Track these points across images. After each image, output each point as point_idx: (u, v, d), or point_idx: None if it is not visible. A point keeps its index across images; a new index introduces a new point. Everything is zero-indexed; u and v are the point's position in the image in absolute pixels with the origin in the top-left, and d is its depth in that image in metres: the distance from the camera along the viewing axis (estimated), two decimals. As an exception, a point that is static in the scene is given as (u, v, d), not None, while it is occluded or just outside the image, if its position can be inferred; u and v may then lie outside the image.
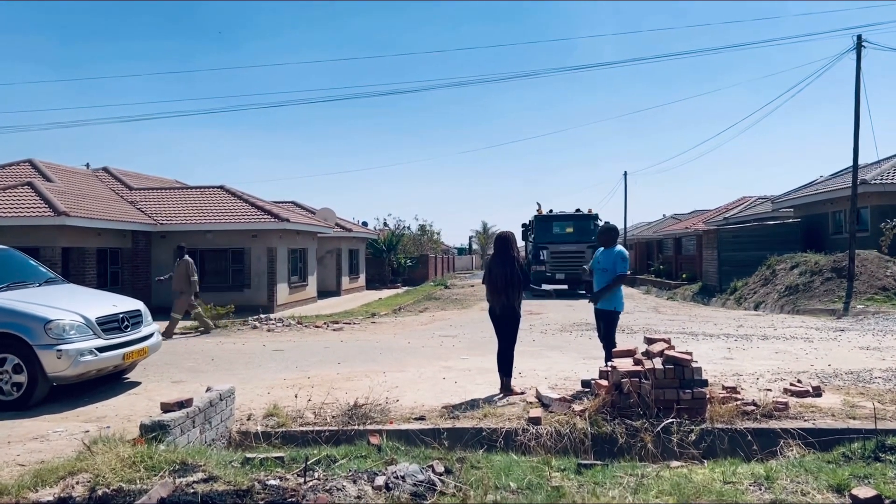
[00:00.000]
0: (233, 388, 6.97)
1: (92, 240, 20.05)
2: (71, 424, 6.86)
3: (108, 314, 8.31)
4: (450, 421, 6.78)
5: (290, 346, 12.36)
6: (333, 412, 7.09)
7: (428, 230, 51.18)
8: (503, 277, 7.62)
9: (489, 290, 7.76)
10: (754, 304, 21.16)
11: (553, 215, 29.03)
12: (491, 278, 7.72)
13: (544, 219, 28.73)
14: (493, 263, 7.79)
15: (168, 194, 25.82)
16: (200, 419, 6.14)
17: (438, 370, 9.32)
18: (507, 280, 7.61)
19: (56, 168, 24.60)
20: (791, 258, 22.32)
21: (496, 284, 7.66)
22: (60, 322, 7.70)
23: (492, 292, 7.72)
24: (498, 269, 7.67)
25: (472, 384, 8.35)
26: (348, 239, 33.69)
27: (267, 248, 23.03)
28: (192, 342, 13.35)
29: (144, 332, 8.84)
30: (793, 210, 29.14)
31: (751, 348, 10.60)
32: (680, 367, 6.62)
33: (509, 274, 7.61)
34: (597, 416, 6.52)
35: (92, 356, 7.83)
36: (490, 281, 7.73)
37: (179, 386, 8.74)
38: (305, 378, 9.03)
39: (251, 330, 15.23)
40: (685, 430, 6.33)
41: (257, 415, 7.12)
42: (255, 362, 10.47)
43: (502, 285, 7.62)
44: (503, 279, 7.61)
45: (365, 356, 10.78)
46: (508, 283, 7.61)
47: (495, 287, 7.67)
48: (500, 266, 7.67)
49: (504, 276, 7.62)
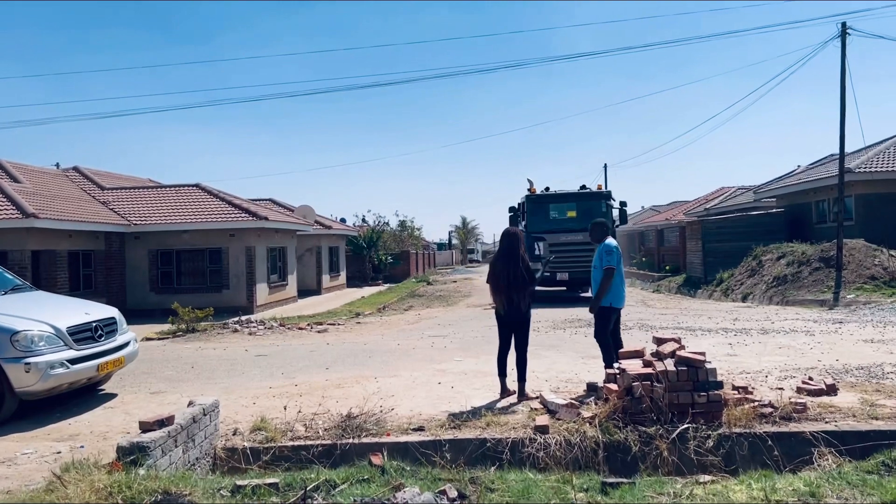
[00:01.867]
0: (217, 401, 6.49)
1: (63, 242, 19.34)
2: (41, 444, 6.34)
3: (80, 323, 7.77)
4: (451, 431, 6.36)
5: (273, 350, 11.86)
6: (326, 424, 6.64)
7: (409, 226, 50.66)
8: (507, 277, 7.21)
9: (493, 290, 7.35)
10: (742, 295, 20.99)
11: (550, 195, 22.27)
12: (495, 277, 7.30)
13: (539, 200, 21.88)
14: (497, 262, 7.36)
15: (142, 194, 25.09)
16: (183, 437, 5.66)
17: (433, 374, 8.90)
18: (511, 280, 7.20)
19: (24, 168, 23.76)
20: (777, 248, 22.19)
21: (499, 284, 7.24)
22: (28, 333, 7.16)
23: (495, 292, 7.31)
24: (502, 268, 7.26)
25: (469, 389, 7.94)
26: (328, 236, 33.13)
27: (245, 248, 22.44)
28: (169, 348, 12.80)
29: (120, 341, 8.31)
30: (775, 200, 29.06)
31: (752, 343, 10.30)
32: (693, 369, 6.26)
33: (513, 273, 7.20)
34: (608, 423, 6.13)
35: (63, 369, 7.29)
36: (494, 280, 7.31)
37: (158, 397, 8.23)
38: (293, 386, 8.56)
39: (232, 333, 14.68)
40: (702, 436, 5.98)
41: (243, 429, 6.65)
42: (237, 369, 9.97)
43: (505, 285, 7.21)
44: (507, 279, 7.20)
45: (353, 360, 10.32)
46: (513, 282, 7.20)
47: (498, 287, 7.25)
48: (505, 265, 7.25)
49: (508, 275, 7.20)
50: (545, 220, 21.50)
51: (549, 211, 21.80)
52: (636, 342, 10.51)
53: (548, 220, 21.54)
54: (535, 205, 21.81)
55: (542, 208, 21.79)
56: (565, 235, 20.55)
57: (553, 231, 20.87)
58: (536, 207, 21.77)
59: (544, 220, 21.44)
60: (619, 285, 7.90)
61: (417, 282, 36.95)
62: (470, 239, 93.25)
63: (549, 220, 21.54)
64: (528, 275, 7.29)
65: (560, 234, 20.72)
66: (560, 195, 22.33)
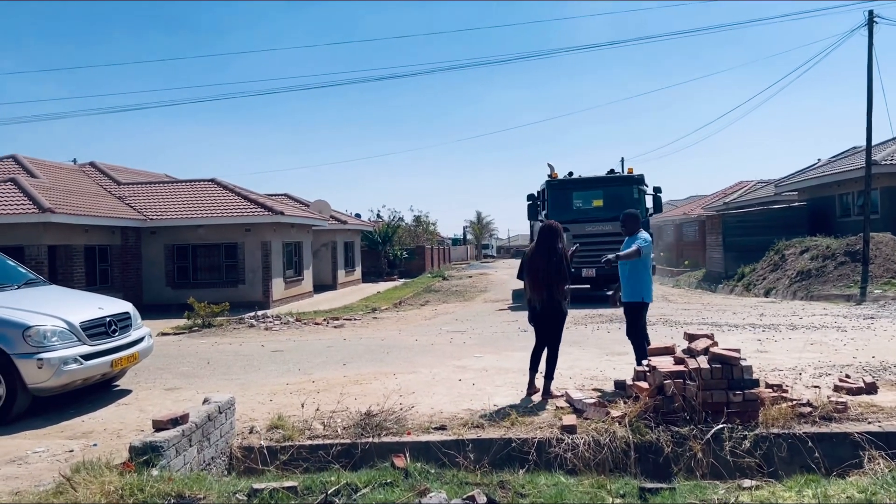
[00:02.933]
0: (233, 398, 6.30)
1: (79, 237, 19.29)
2: (53, 442, 6.17)
3: (94, 318, 7.60)
4: (474, 430, 6.13)
5: (290, 345, 11.68)
6: (344, 422, 6.43)
7: (424, 221, 50.43)
8: (546, 271, 6.94)
9: (530, 285, 7.08)
10: (764, 290, 20.59)
11: (574, 180, 20.01)
12: (532, 272, 7.04)
13: (561, 186, 19.60)
14: (534, 256, 7.09)
15: (157, 189, 25.03)
16: (198, 436, 5.47)
17: (452, 371, 8.67)
18: (551, 274, 6.94)
19: (41, 164, 23.78)
20: (801, 242, 21.75)
21: (538, 279, 6.98)
22: (41, 328, 7.00)
23: (533, 287, 7.04)
24: (541, 263, 6.98)
25: (491, 386, 7.70)
26: (343, 231, 32.98)
27: (261, 243, 22.30)
28: (184, 343, 12.65)
29: (134, 337, 8.14)
30: (797, 193, 28.56)
31: (782, 339, 9.97)
32: (728, 366, 5.99)
33: (555, 267, 6.94)
34: (638, 423, 5.88)
35: (76, 365, 7.13)
36: (531, 275, 7.05)
37: (173, 394, 8.06)
38: (310, 382, 8.37)
39: (248, 329, 14.52)
40: (738, 436, 5.71)
41: (260, 426, 6.45)
42: (253, 365, 9.79)
43: (545, 280, 6.94)
44: (546, 273, 6.94)
45: (371, 356, 10.11)
46: (553, 277, 6.94)
47: (537, 282, 6.99)
48: (545, 259, 6.98)
49: (548, 269, 6.95)
50: (568, 208, 19.07)
51: (572, 198, 19.48)
52: (661, 338, 10.24)
53: (571, 208, 19.18)
54: (557, 192, 19.47)
55: (564, 196, 19.44)
56: (591, 226, 18.16)
57: (577, 221, 18.21)
58: (558, 195, 19.42)
59: (567, 209, 18.94)
60: (649, 280, 7.64)
61: (433, 277, 36.70)
62: (484, 234, 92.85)
63: (572, 208, 19.19)
64: (568, 270, 7.05)
65: (585, 224, 18.23)
66: (585, 180, 20.02)
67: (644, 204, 18.58)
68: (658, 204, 19.20)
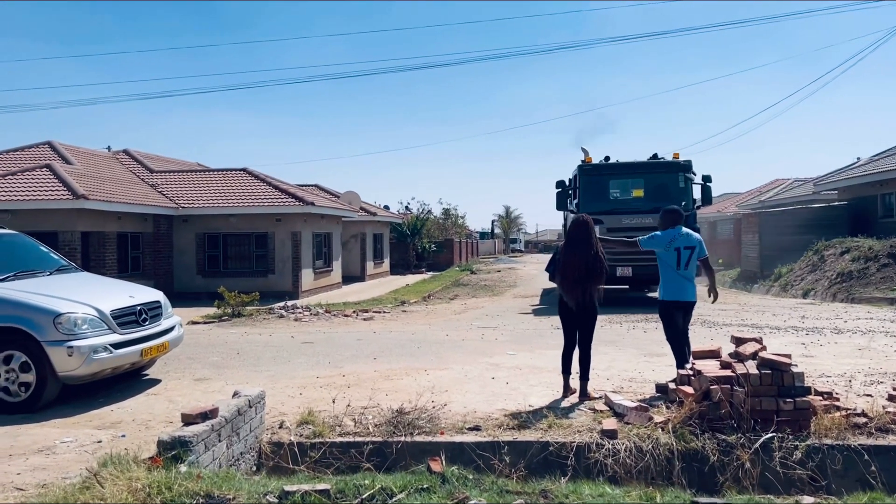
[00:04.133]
0: (263, 392, 6.16)
1: (112, 224, 19.42)
2: (81, 432, 6.09)
3: (125, 306, 7.53)
4: (510, 432, 5.92)
5: (319, 337, 11.56)
6: (375, 419, 6.26)
7: (452, 214, 50.23)
8: (583, 268, 6.66)
9: (564, 282, 6.77)
10: (802, 291, 20.05)
11: (611, 165, 17.57)
12: (566, 269, 6.73)
13: (596, 172, 17.20)
14: (568, 252, 6.79)
15: (190, 177, 25.14)
16: (227, 431, 5.34)
17: (485, 368, 8.46)
18: (587, 270, 6.67)
19: (76, 150, 23.98)
20: (841, 243, 21.13)
21: (573, 276, 6.68)
22: (72, 316, 6.93)
23: (568, 284, 6.74)
24: (577, 259, 6.69)
25: (525, 385, 7.48)
26: (373, 223, 32.91)
27: (291, 233, 22.29)
28: (214, 333, 12.60)
29: (164, 326, 8.06)
30: (836, 193, 27.80)
31: (827, 344, 9.60)
32: (778, 372, 5.70)
33: (591, 263, 6.66)
34: (683, 430, 5.62)
35: (106, 353, 7.05)
36: (565, 272, 6.74)
37: (202, 385, 7.96)
38: (340, 376, 8.22)
39: (277, 319, 14.45)
40: (788, 446, 5.43)
41: (290, 421, 6.31)
42: (283, 356, 9.68)
43: (581, 276, 6.66)
44: (583, 270, 6.66)
45: (402, 350, 9.94)
46: (589, 273, 6.67)
47: (572, 279, 6.70)
48: (580, 255, 6.68)
49: (584, 266, 6.66)
50: (603, 198, 16.86)
51: (608, 186, 17.17)
52: (701, 339, 9.94)
53: (607, 198, 16.95)
54: (591, 178, 17.08)
55: (599, 183, 17.09)
56: (629, 218, 15.98)
57: (613, 212, 16.10)
58: (592, 182, 17.04)
59: (602, 199, 16.78)
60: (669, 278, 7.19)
61: (461, 270, 36.51)
62: (513, 228, 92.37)
63: (608, 198, 16.98)
64: (604, 267, 6.77)
65: (622, 216, 16.10)
66: (623, 166, 17.52)
67: (690, 194, 16.39)
68: (707, 195, 16.62)
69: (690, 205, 16.00)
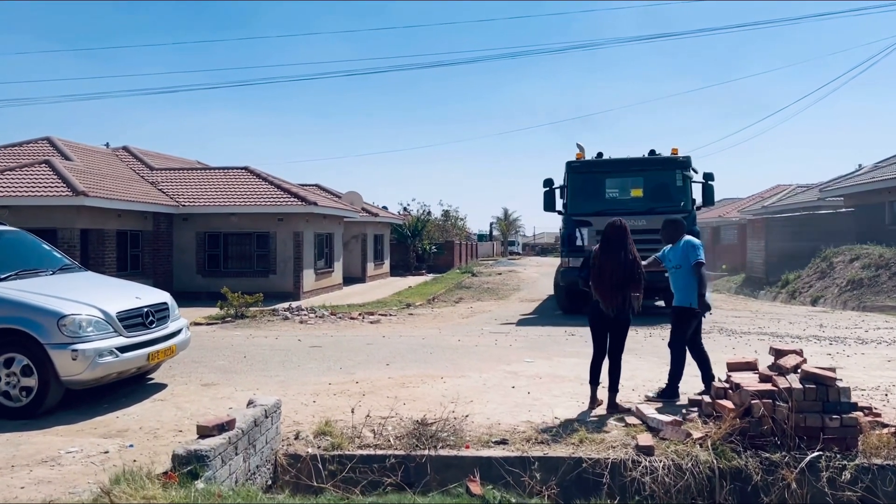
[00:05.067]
0: (278, 401, 5.86)
1: (112, 221, 19.07)
2: (87, 441, 5.78)
3: (131, 308, 7.21)
4: (539, 446, 5.63)
5: (327, 341, 11.25)
6: (396, 430, 5.97)
7: (452, 216, 49.92)
8: (620, 273, 6.35)
9: (600, 288, 6.42)
10: (811, 298, 19.82)
11: (602, 162, 16.05)
12: (602, 273, 6.39)
13: (586, 170, 15.76)
14: (604, 256, 6.45)
15: (190, 175, 24.80)
16: (244, 443, 5.04)
17: (503, 376, 8.16)
18: (624, 276, 6.37)
19: (75, 146, 23.64)
20: (850, 250, 20.93)
21: (611, 281, 6.35)
22: (76, 317, 6.61)
23: (605, 290, 6.39)
24: (613, 263, 6.37)
25: (548, 396, 7.19)
26: (374, 224, 32.59)
27: (293, 233, 21.97)
28: (219, 335, 12.28)
29: (172, 328, 7.74)
30: (843, 199, 27.61)
31: (855, 355, 9.32)
32: (822, 387, 5.43)
33: (629, 268, 6.37)
34: (723, 447, 5.33)
35: (112, 357, 6.74)
36: (601, 277, 6.40)
37: (211, 390, 7.65)
38: (353, 383, 7.92)
39: (282, 321, 14.13)
40: (836, 466, 5.15)
41: (306, 431, 6.01)
42: (292, 361, 9.37)
43: (619, 282, 6.35)
44: (620, 275, 6.34)
45: (414, 356, 9.64)
46: (627, 279, 6.38)
47: (610, 284, 6.36)
48: (617, 259, 6.38)
49: (622, 271, 6.36)
50: (594, 197, 15.41)
51: (599, 185, 15.69)
52: (722, 348, 9.69)
53: (597, 197, 15.49)
54: (581, 176, 15.67)
55: (589, 181, 15.64)
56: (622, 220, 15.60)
57: (605, 213, 14.24)
58: (582, 180, 15.65)
59: (592, 199, 15.36)
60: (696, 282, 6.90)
61: (462, 273, 36.19)
62: (511, 231, 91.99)
63: (599, 197, 15.52)
64: (642, 271, 6.48)
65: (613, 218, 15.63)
66: (615, 163, 16.06)
67: (689, 194, 15.00)
68: (709, 195, 15.11)
69: (689, 205, 14.79)
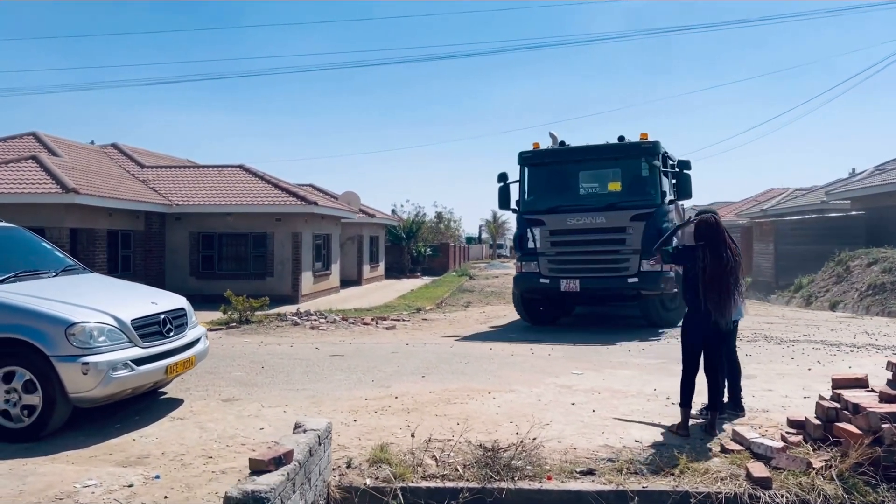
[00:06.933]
0: (330, 424, 5.06)
1: (102, 220, 18.13)
2: (104, 471, 4.95)
3: (147, 315, 6.37)
4: (633, 478, 4.87)
5: (348, 349, 10.41)
6: (461, 458, 5.19)
7: (445, 218, 49.16)
8: (735, 276, 5.64)
9: (720, 297, 5.60)
10: (829, 303, 19.23)
11: (555, 151, 13.74)
12: (720, 281, 5.58)
13: (539, 160, 13.65)
14: (714, 261, 5.61)
15: (183, 173, 23.89)
16: (301, 478, 4.24)
17: (557, 391, 7.40)
18: (734, 280, 5.66)
19: (62, 142, 22.65)
20: (866, 253, 20.38)
21: (722, 288, 5.57)
22: (86, 325, 5.77)
23: (724, 300, 5.61)
24: (726, 267, 5.59)
25: (615, 414, 6.44)
26: (370, 225, 31.78)
27: (292, 234, 21.13)
28: (227, 342, 11.41)
29: (190, 337, 6.91)
30: (850, 202, 27.17)
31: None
32: (961, 410, 4.72)
33: (735, 271, 5.66)
34: (854, 479, 4.61)
35: (127, 371, 5.90)
36: (719, 285, 5.59)
37: (234, 407, 6.82)
38: (392, 398, 7.12)
39: (292, 327, 13.27)
40: None
41: (357, 458, 5.22)
42: (316, 372, 8.54)
43: (730, 288, 5.61)
44: (731, 280, 5.61)
45: (448, 367, 8.84)
46: (736, 283, 5.67)
47: (720, 292, 5.58)
48: (728, 261, 5.64)
49: (731, 275, 5.63)
50: (549, 192, 13.42)
51: (554, 178, 13.53)
52: (780, 357, 9.02)
53: (552, 192, 13.40)
54: (534, 169, 13.62)
55: (543, 174, 13.61)
56: (576, 217, 12.74)
57: (559, 210, 12.92)
58: (535, 173, 13.62)
59: (547, 194, 13.40)
60: None
61: (459, 276, 35.44)
62: (499, 234, 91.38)
63: (554, 192, 13.40)
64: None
65: (567, 214, 12.82)
66: (570, 151, 13.71)
67: (659, 185, 12.64)
68: (685, 186, 12.76)
69: (658, 198, 12.55)
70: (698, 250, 5.79)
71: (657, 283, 12.23)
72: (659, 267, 12.01)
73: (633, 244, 12.33)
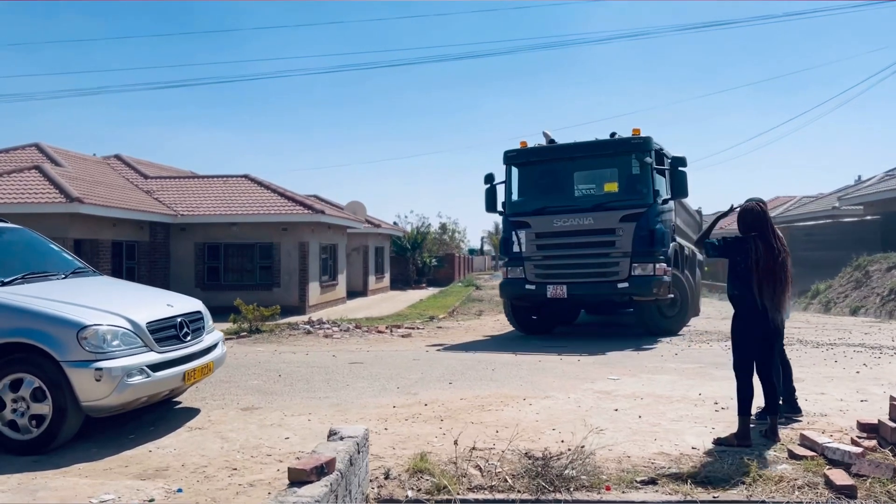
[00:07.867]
0: (367, 431, 4.64)
1: (107, 231, 17.76)
2: (121, 485, 4.53)
3: (163, 318, 5.97)
4: (700, 488, 4.45)
5: (366, 357, 9.99)
6: (508, 468, 4.78)
7: (450, 228, 48.81)
8: (785, 271, 5.25)
9: (775, 294, 5.17)
10: (849, 309, 18.85)
11: (541, 149, 13.13)
12: (775, 275, 5.15)
13: (525, 159, 13.02)
14: (768, 253, 5.17)
15: (187, 184, 23.54)
16: (343, 489, 3.82)
17: (596, 397, 6.98)
18: (788, 274, 5.27)
19: (65, 153, 22.33)
20: (885, 258, 20.03)
21: (777, 283, 5.15)
22: (99, 329, 5.37)
23: (780, 296, 5.19)
24: (779, 260, 5.18)
25: (665, 420, 6.01)
26: (375, 235, 31.40)
27: (299, 243, 20.75)
28: (240, 351, 10.99)
29: (207, 342, 6.50)
30: (863, 207, 26.86)
31: None
32: None
33: (785, 264, 5.27)
34: (952, 488, 4.19)
35: (143, 377, 5.49)
36: (774, 280, 5.15)
37: (255, 416, 6.40)
38: (421, 405, 6.71)
39: (304, 335, 12.86)
40: None
41: (395, 469, 4.80)
42: (337, 380, 8.12)
43: (786, 283, 5.22)
44: (786, 274, 5.24)
45: (475, 373, 8.42)
46: (789, 278, 5.28)
47: (776, 287, 5.15)
48: (776, 254, 5.18)
49: (784, 269, 5.24)
50: (534, 193, 12.81)
51: (540, 177, 12.88)
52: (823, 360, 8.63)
53: (538, 192, 12.79)
54: (520, 168, 13.01)
55: (529, 174, 12.97)
56: (562, 219, 12.15)
57: (545, 212, 12.35)
58: (521, 173, 13.01)
59: (534, 194, 12.78)
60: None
61: (465, 286, 34.99)
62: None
63: (539, 192, 12.79)
64: None
65: (553, 216, 12.23)
66: (557, 150, 13.01)
67: (650, 183, 11.95)
68: (681, 184, 12.15)
69: (651, 198, 11.87)
70: (749, 241, 5.36)
71: (649, 288, 11.42)
72: (651, 271, 11.38)
73: (623, 247, 11.62)
